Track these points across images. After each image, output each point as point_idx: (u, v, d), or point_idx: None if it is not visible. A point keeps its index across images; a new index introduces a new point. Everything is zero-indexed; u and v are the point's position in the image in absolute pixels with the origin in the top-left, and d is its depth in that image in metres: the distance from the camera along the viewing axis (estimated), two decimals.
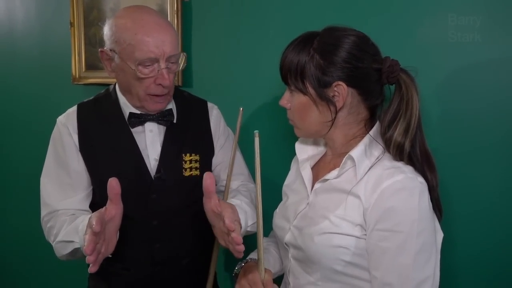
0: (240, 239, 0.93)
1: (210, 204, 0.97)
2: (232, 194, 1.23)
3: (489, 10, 1.18)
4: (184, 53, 1.20)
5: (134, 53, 1.09)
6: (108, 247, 0.96)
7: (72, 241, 1.07)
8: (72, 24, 1.82)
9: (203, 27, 1.60)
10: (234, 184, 1.30)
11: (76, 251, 1.08)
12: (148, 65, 1.11)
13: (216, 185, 1.12)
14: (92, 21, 1.79)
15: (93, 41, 1.81)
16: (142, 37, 1.08)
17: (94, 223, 0.87)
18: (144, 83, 1.13)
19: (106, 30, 1.15)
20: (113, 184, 0.91)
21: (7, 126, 2.20)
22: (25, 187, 2.14)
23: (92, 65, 1.83)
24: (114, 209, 0.93)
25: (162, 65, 1.11)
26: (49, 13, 1.99)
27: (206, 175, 0.96)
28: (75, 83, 1.87)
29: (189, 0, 1.61)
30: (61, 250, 1.12)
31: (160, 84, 1.13)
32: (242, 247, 0.93)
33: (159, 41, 1.09)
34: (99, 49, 1.18)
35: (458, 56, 1.22)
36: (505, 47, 1.18)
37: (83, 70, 1.85)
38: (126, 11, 1.15)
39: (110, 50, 1.14)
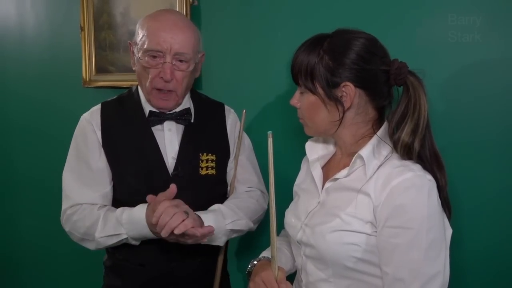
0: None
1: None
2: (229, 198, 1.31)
3: (489, 10, 1.19)
4: (200, 53, 1.26)
5: (145, 43, 1.17)
6: None
7: (119, 234, 1.16)
8: (82, 28, 1.85)
9: (212, 30, 1.63)
10: (241, 189, 1.33)
11: (121, 241, 1.18)
12: (155, 57, 1.17)
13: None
14: (102, 25, 1.82)
15: (103, 44, 1.84)
16: (155, 30, 1.17)
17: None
18: (150, 74, 1.19)
19: (136, 27, 1.24)
20: (173, 190, 1.10)
21: (18, 129, 2.23)
22: (37, 190, 2.18)
23: (102, 68, 1.86)
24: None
25: (167, 59, 1.17)
26: (60, 17, 2.02)
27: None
28: (86, 86, 1.89)
29: (197, 3, 1.63)
30: (105, 243, 1.19)
31: (162, 78, 1.18)
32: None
33: (168, 36, 1.16)
34: (128, 42, 1.28)
35: (458, 56, 1.23)
36: (505, 47, 1.19)
37: (94, 73, 1.88)
38: (154, 12, 1.24)
39: (134, 43, 1.23)
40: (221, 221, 1.18)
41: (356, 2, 1.36)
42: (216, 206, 1.22)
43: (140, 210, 1.14)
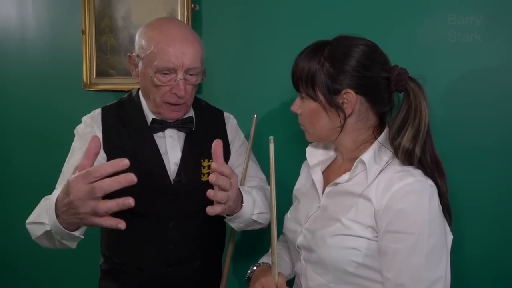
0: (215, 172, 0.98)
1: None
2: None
3: (489, 10, 1.20)
4: (204, 67, 1.23)
5: (155, 60, 1.13)
6: None
7: (42, 223, 1.01)
8: (83, 32, 1.85)
9: (213, 35, 1.63)
10: (251, 184, 1.32)
11: (48, 234, 1.01)
12: (166, 74, 1.15)
13: None
14: (103, 29, 1.82)
15: (104, 48, 1.84)
16: (164, 47, 1.13)
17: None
18: (161, 91, 1.17)
19: (136, 37, 1.21)
20: (96, 142, 0.90)
21: (18, 131, 2.23)
22: (36, 193, 2.15)
23: (102, 71, 1.86)
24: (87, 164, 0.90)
25: (180, 75, 1.15)
26: (61, 20, 2.02)
27: (216, 141, 0.98)
28: (86, 89, 1.89)
29: (199, 8, 1.64)
30: (32, 232, 1.08)
31: (175, 94, 1.17)
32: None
33: (179, 53, 1.13)
34: (128, 54, 1.24)
35: (458, 56, 1.23)
36: (505, 47, 1.19)
37: (94, 76, 1.88)
38: (156, 21, 1.20)
39: (137, 56, 1.20)
40: (250, 208, 1.15)
41: (356, 2, 1.37)
42: (250, 189, 1.20)
43: (55, 193, 0.96)
